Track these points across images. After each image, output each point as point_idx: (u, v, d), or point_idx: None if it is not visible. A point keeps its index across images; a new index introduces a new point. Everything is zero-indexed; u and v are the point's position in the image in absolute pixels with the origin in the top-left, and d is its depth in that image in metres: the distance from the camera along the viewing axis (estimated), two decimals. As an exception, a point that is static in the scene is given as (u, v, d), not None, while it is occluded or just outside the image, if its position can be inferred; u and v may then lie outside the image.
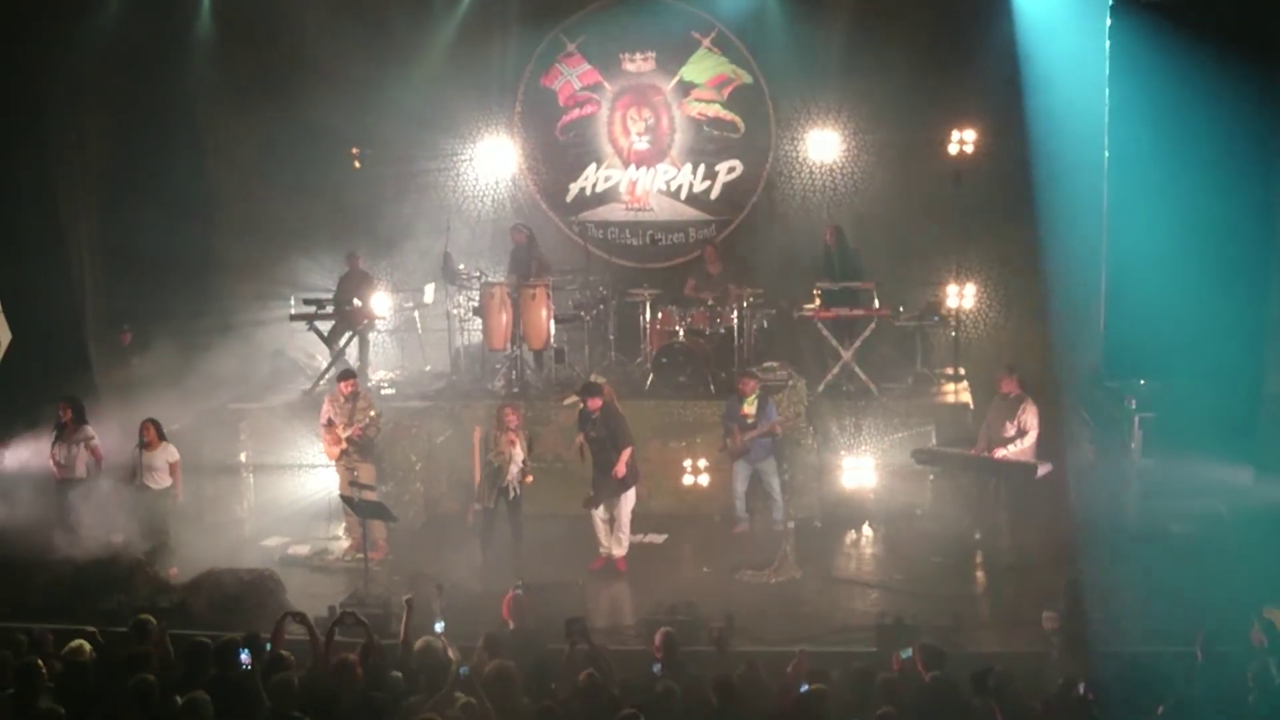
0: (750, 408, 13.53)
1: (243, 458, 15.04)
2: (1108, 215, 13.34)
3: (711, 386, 14.85)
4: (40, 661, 8.36)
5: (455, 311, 16.06)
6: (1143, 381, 13.67)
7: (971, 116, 16.07)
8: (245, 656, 8.46)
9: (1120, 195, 13.44)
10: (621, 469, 12.66)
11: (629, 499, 12.86)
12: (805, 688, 8.03)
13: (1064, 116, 14.97)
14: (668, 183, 18.01)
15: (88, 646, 8.93)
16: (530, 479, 12.86)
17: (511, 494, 12.72)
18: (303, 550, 13.68)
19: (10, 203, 15.54)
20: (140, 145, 16.67)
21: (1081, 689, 8.06)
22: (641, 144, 17.98)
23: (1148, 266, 12.86)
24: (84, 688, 8.38)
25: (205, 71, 17.11)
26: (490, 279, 15.70)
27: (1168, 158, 12.50)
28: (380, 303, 16.01)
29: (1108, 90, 13.46)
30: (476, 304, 15.60)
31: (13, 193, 15.52)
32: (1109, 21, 13.36)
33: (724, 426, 13.79)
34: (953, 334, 15.93)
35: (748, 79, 17.59)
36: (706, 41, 17.59)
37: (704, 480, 14.45)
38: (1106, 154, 12.14)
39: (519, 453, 12.72)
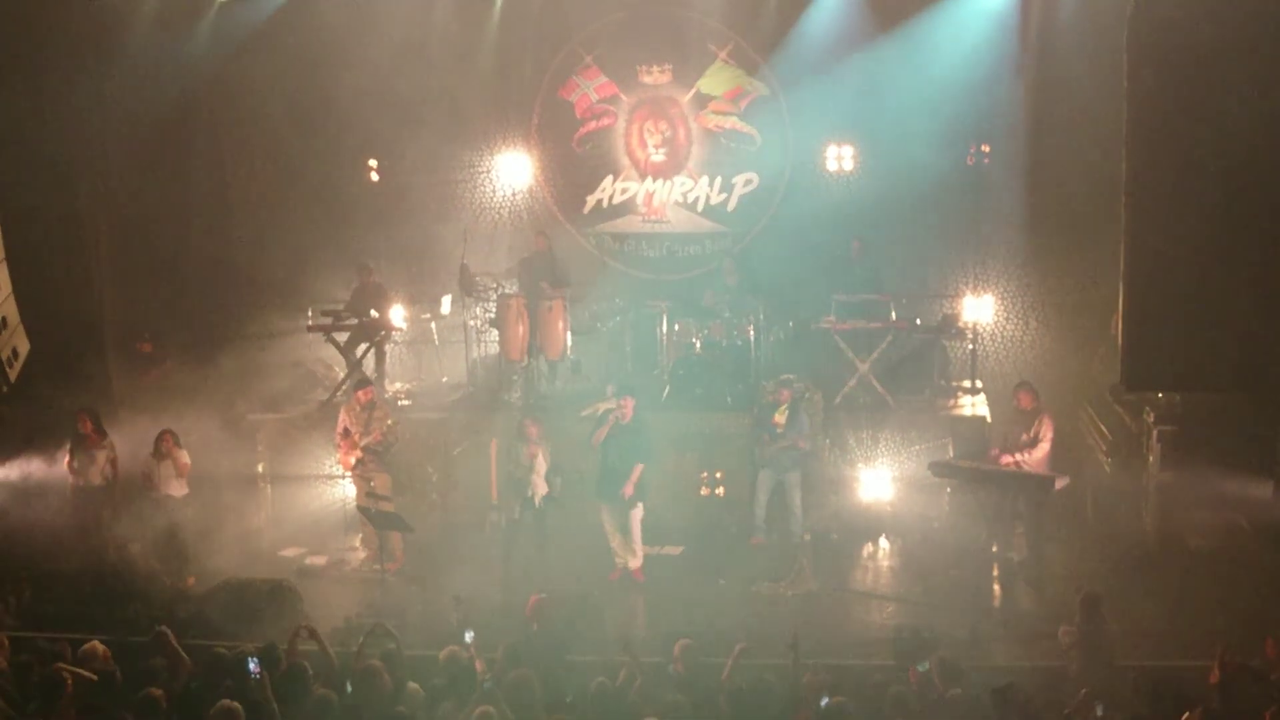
0: (781, 417, 13.49)
1: (260, 468, 15.08)
2: (1127, 226, 13.28)
3: (728, 398, 14.82)
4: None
5: (472, 323, 16.08)
6: (1161, 395, 13.61)
7: (989, 128, 16.06)
8: (254, 665, 8.48)
9: (1140, 205, 13.36)
10: (630, 489, 12.64)
11: (637, 510, 12.84)
12: (826, 701, 8.00)
13: (1082, 127, 14.97)
14: (685, 195, 18.04)
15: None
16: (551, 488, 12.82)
17: (537, 503, 12.70)
18: (320, 561, 13.68)
19: (31, 214, 15.62)
20: (160, 157, 16.73)
21: (1100, 710, 8.01)
22: (658, 156, 18.02)
23: (1167, 279, 12.79)
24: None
25: (225, 85, 17.19)
26: (507, 290, 15.72)
27: (1189, 167, 12.40)
28: (397, 314, 16.04)
29: (1126, 100, 13.40)
30: (493, 315, 15.61)
31: (34, 204, 15.60)
32: (1126, 33, 13.30)
33: (754, 434, 13.75)
34: (970, 346, 15.88)
35: (764, 91, 17.62)
36: (723, 54, 17.63)
37: (721, 491, 14.43)
38: (1125, 165, 12.06)
39: (541, 464, 12.70)
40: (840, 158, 17.03)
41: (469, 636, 9.18)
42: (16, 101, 15.07)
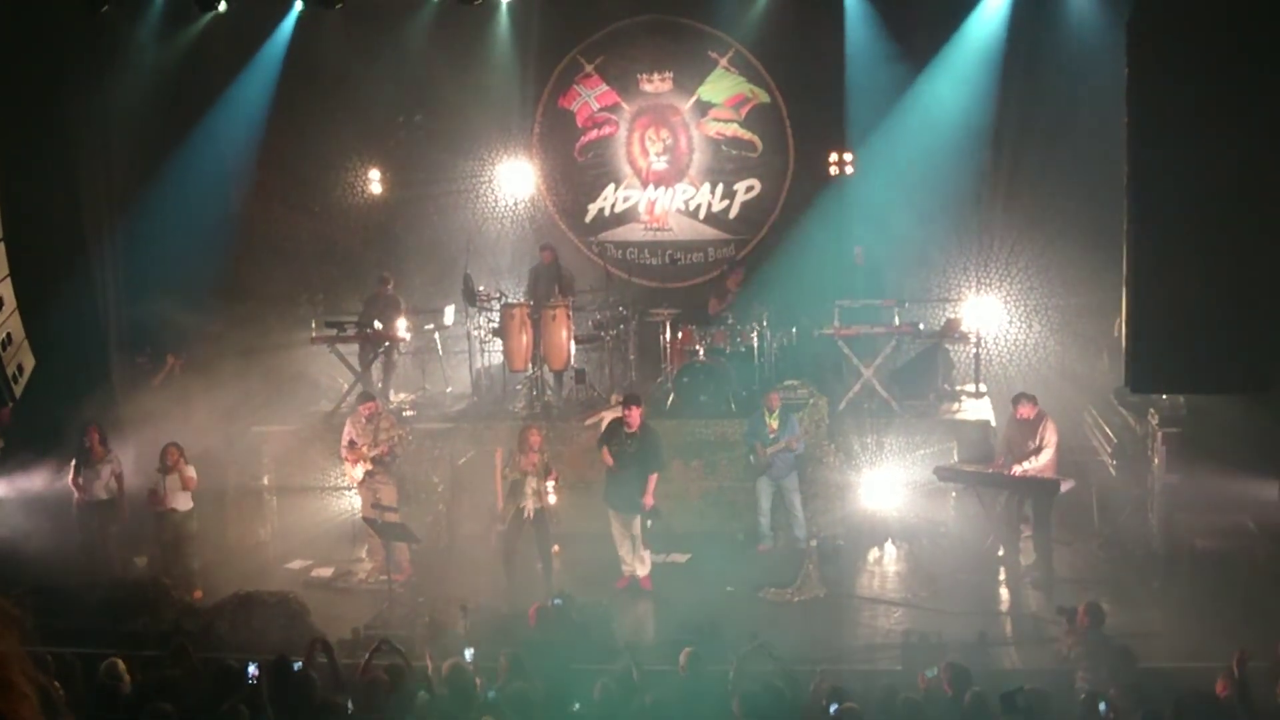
0: (775, 422, 13.52)
1: (266, 480, 15.08)
2: (1129, 227, 13.29)
3: (733, 405, 14.83)
4: (57, 684, 8.38)
5: (476, 333, 16.08)
6: (1165, 397, 13.59)
7: (991, 133, 16.08)
8: (254, 669, 8.53)
9: (1141, 208, 13.35)
10: (650, 499, 12.66)
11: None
12: (835, 707, 7.99)
13: (1083, 131, 14.96)
14: (686, 202, 18.04)
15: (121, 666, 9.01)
16: (551, 499, 12.81)
17: (526, 514, 12.68)
18: (326, 573, 13.71)
19: (36, 228, 15.62)
20: (165, 170, 16.75)
21: (1103, 708, 8.01)
22: (660, 164, 18.02)
23: (1170, 280, 12.77)
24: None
25: (229, 97, 17.23)
26: (510, 300, 15.73)
27: (1192, 170, 12.38)
28: (400, 325, 16.04)
29: (1126, 102, 13.40)
30: (497, 325, 15.63)
31: (39, 218, 15.60)
32: (1126, 35, 13.28)
33: (747, 443, 13.77)
34: (973, 350, 15.88)
35: (765, 98, 17.63)
36: (724, 61, 17.64)
37: (727, 499, 14.43)
38: (1126, 166, 12.06)
39: (536, 475, 12.70)
40: (841, 164, 17.01)
41: (469, 654, 9.21)
42: (21, 115, 15.09)
